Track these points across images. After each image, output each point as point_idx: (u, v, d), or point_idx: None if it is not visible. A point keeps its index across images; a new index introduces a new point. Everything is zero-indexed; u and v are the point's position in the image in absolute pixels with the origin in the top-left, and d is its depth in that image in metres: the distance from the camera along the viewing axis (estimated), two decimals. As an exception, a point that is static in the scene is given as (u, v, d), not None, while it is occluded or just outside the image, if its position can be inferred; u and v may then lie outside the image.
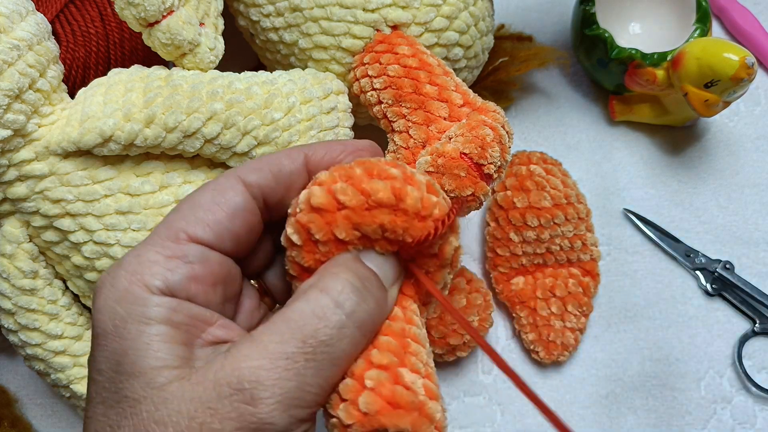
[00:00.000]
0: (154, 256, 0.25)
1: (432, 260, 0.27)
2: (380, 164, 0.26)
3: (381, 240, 0.25)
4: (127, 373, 0.23)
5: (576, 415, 0.47)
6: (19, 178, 0.36)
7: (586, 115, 0.54)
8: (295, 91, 0.38)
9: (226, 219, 0.26)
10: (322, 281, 0.25)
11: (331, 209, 0.25)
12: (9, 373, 0.49)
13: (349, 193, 0.25)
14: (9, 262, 0.38)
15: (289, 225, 0.26)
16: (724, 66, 0.43)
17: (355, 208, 0.25)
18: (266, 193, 0.27)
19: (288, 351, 0.23)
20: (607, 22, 0.52)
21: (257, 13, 0.43)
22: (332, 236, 0.25)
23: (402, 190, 0.25)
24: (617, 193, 0.52)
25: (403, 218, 0.25)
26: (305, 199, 0.25)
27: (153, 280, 0.24)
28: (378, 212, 0.25)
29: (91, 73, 0.44)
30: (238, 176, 0.27)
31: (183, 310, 0.24)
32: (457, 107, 0.38)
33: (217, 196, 0.26)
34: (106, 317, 0.24)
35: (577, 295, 0.47)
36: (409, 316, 0.26)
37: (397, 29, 0.41)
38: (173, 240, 0.25)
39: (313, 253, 0.26)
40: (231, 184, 0.26)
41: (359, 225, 0.25)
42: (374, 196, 0.25)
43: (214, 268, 0.26)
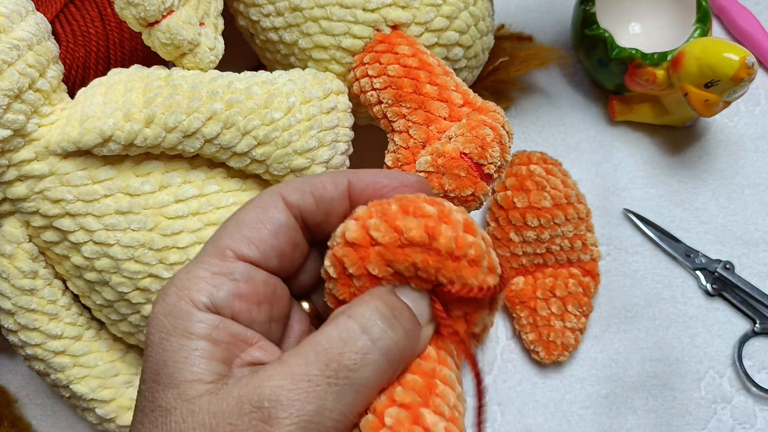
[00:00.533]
0: (202, 273, 0.25)
1: (469, 300, 0.26)
2: (417, 201, 0.25)
3: (415, 278, 0.25)
4: (163, 384, 0.24)
5: (576, 415, 0.47)
6: (18, 178, 0.36)
7: (586, 115, 0.54)
8: (295, 91, 0.38)
9: (271, 236, 0.26)
10: (351, 308, 0.25)
11: (364, 245, 0.25)
12: (9, 373, 0.49)
13: (382, 230, 0.25)
14: (9, 262, 0.38)
15: (327, 258, 0.26)
16: (724, 66, 0.43)
17: (388, 245, 0.25)
18: (306, 215, 0.27)
19: (310, 373, 0.23)
20: (607, 22, 0.52)
21: (257, 12, 0.43)
22: (366, 271, 0.25)
23: (435, 229, 0.24)
24: (617, 193, 0.52)
25: (435, 258, 0.24)
26: (341, 233, 0.25)
27: (199, 296, 0.25)
28: (411, 250, 0.24)
29: (91, 73, 0.44)
30: (280, 194, 0.27)
31: (225, 328, 0.25)
32: (457, 107, 0.38)
33: (261, 213, 0.26)
34: (154, 329, 0.25)
35: (577, 295, 0.47)
36: (442, 357, 0.26)
37: (397, 29, 0.41)
38: (220, 257, 0.26)
39: (348, 286, 0.26)
40: (273, 202, 0.26)
41: (392, 262, 0.25)
42: (407, 234, 0.24)
43: (259, 286, 0.26)
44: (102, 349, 0.41)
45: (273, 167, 0.38)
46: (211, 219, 0.38)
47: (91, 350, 0.41)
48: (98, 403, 0.41)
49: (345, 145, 0.40)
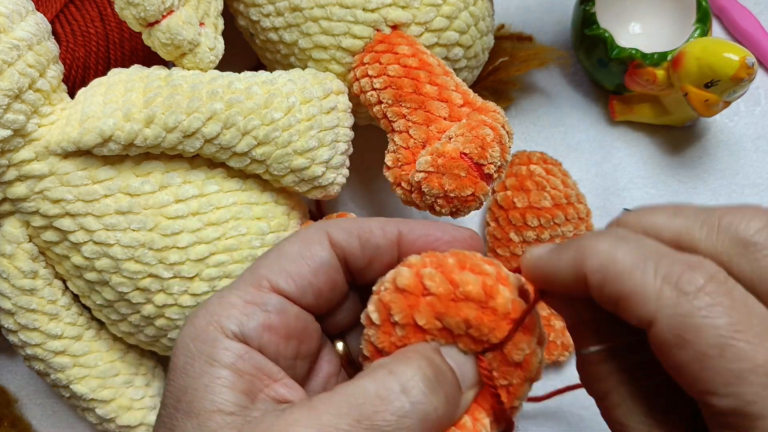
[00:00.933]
0: (235, 300, 0.25)
1: (516, 370, 0.25)
2: (475, 258, 0.25)
3: (464, 336, 0.24)
4: (183, 411, 0.23)
5: (576, 415, 0.47)
6: (18, 178, 0.36)
7: (586, 115, 0.54)
8: (295, 90, 0.38)
9: (310, 273, 0.26)
10: (393, 363, 0.23)
11: (416, 293, 0.24)
12: (9, 373, 0.49)
13: (437, 280, 0.24)
14: (9, 262, 0.38)
15: (371, 303, 0.25)
16: (724, 66, 0.43)
17: (441, 297, 0.24)
18: (349, 258, 0.26)
19: (340, 427, 0.21)
20: (607, 22, 0.52)
21: (257, 12, 0.43)
22: (412, 321, 0.24)
23: (494, 288, 0.24)
24: (617, 193, 0.52)
25: (490, 317, 0.24)
26: (391, 279, 0.25)
27: (229, 323, 0.24)
28: (464, 306, 0.24)
29: (91, 73, 0.44)
30: (327, 231, 0.26)
31: (250, 359, 0.24)
32: (457, 107, 0.38)
33: (304, 248, 0.26)
34: (180, 353, 0.24)
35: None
36: (478, 429, 0.24)
37: (397, 29, 0.41)
38: (255, 286, 0.25)
39: (389, 335, 0.25)
40: (318, 239, 0.26)
41: (443, 315, 0.24)
42: (463, 288, 0.24)
43: (290, 321, 0.25)
44: (102, 349, 0.42)
45: (273, 167, 0.38)
46: (211, 219, 0.38)
47: (91, 350, 0.41)
48: (98, 403, 0.41)
49: (345, 145, 0.40)
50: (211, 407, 0.23)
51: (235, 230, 0.38)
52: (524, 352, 0.24)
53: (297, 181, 0.39)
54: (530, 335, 0.25)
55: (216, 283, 0.38)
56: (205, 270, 0.38)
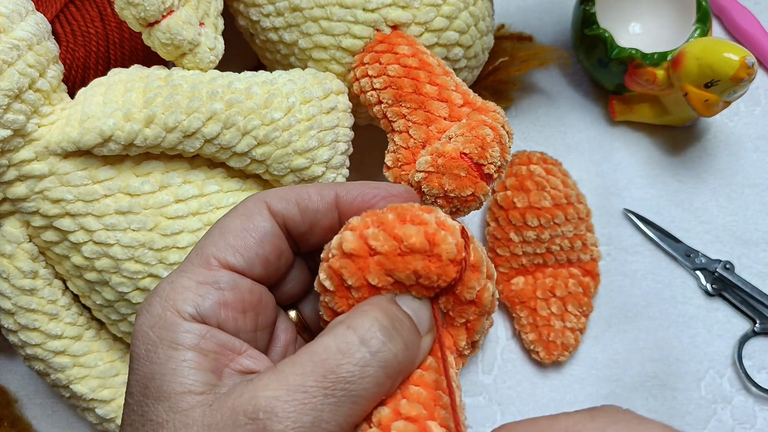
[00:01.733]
0: (187, 282, 0.25)
1: (470, 307, 0.26)
2: (413, 209, 0.25)
3: (416, 286, 0.25)
4: (152, 397, 0.23)
5: (576, 415, 0.47)
6: (18, 178, 0.36)
7: (586, 115, 0.54)
8: (295, 91, 0.38)
9: (256, 245, 0.26)
10: (350, 318, 0.24)
11: (363, 255, 0.25)
12: (9, 373, 0.49)
13: (381, 239, 0.24)
14: (9, 262, 0.38)
15: (321, 270, 0.26)
16: (724, 66, 0.43)
17: (388, 254, 0.24)
18: (290, 225, 0.27)
19: (307, 384, 0.22)
20: (607, 22, 0.52)
21: (257, 13, 0.43)
22: (365, 282, 0.25)
23: (436, 236, 0.24)
24: (617, 193, 0.52)
25: (437, 264, 0.24)
26: (337, 245, 0.25)
27: (185, 306, 0.24)
28: (411, 258, 0.24)
29: (91, 73, 0.44)
30: (265, 201, 0.27)
31: (212, 338, 0.24)
32: (457, 107, 0.38)
33: (246, 221, 0.26)
34: (140, 341, 0.24)
35: (577, 295, 0.47)
36: (444, 367, 0.25)
37: (397, 29, 0.41)
38: (205, 266, 0.25)
39: (346, 298, 0.25)
40: (258, 210, 0.26)
41: (392, 271, 0.24)
42: (407, 242, 0.24)
43: (244, 295, 0.26)
44: (102, 349, 0.41)
45: (273, 167, 0.38)
46: (211, 219, 0.38)
47: (91, 350, 0.41)
48: (98, 403, 0.41)
49: (345, 145, 0.40)
50: (180, 389, 0.23)
51: (235, 230, 0.38)
52: (475, 290, 0.25)
53: (297, 181, 0.39)
54: (478, 272, 0.25)
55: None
56: (205, 270, 0.38)
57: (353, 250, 0.25)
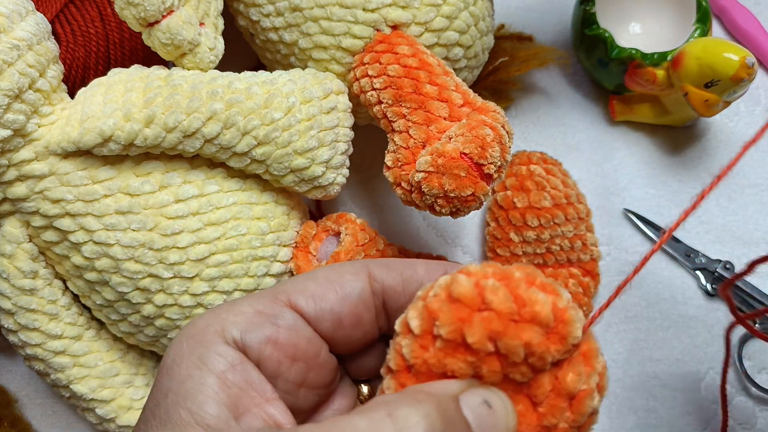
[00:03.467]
0: (245, 307, 0.23)
1: (565, 406, 0.21)
2: (543, 276, 0.21)
3: (520, 365, 0.20)
4: (159, 418, 0.21)
5: (576, 415, 0.47)
6: (18, 178, 0.36)
7: (586, 115, 0.54)
8: (295, 91, 0.38)
9: (334, 299, 0.24)
10: (398, 403, 0.20)
11: (471, 305, 0.20)
12: (9, 373, 0.49)
13: (500, 295, 0.20)
14: (9, 262, 0.38)
15: (412, 307, 0.22)
16: (724, 66, 0.43)
17: (502, 314, 0.20)
18: (388, 294, 0.24)
19: None
20: (607, 22, 0.52)
21: (257, 12, 0.43)
22: (460, 338, 0.20)
23: (566, 313, 0.20)
24: (617, 193, 0.52)
25: (557, 346, 0.20)
26: (445, 285, 0.21)
27: (230, 328, 0.23)
28: (528, 328, 0.20)
29: (91, 73, 0.44)
30: (366, 265, 0.24)
31: (242, 371, 0.22)
32: (457, 107, 0.38)
33: (333, 274, 0.24)
34: (172, 350, 0.23)
35: (577, 295, 0.47)
36: None
37: (397, 29, 0.41)
38: (271, 299, 0.24)
39: (425, 349, 0.21)
40: (355, 269, 0.24)
41: (500, 336, 0.20)
42: (530, 308, 0.20)
43: (300, 342, 0.23)
44: (102, 349, 0.41)
45: (273, 167, 0.38)
46: (211, 219, 0.38)
47: (91, 350, 0.41)
48: (98, 403, 0.41)
49: (345, 145, 0.40)
50: (188, 418, 0.21)
51: (235, 230, 0.38)
52: (581, 382, 0.21)
53: (297, 181, 0.39)
54: (592, 368, 0.21)
55: (216, 283, 0.38)
56: (205, 270, 0.38)
57: (462, 296, 0.20)
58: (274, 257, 0.40)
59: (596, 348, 0.22)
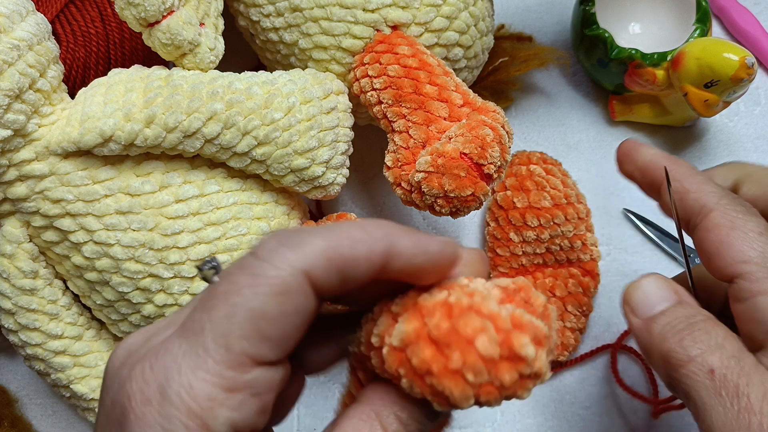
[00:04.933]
0: (212, 391, 0.20)
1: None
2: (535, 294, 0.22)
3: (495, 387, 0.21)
4: None
5: (576, 415, 0.47)
6: (19, 178, 0.36)
7: (586, 115, 0.54)
8: (295, 91, 0.38)
9: (295, 331, 0.21)
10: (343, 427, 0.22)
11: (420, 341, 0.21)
12: (9, 373, 0.49)
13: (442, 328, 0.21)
14: (9, 262, 0.38)
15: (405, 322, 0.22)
16: (724, 66, 0.43)
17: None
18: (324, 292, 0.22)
19: None
20: (607, 22, 0.52)
21: (257, 13, 0.43)
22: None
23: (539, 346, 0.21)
24: (617, 193, 0.52)
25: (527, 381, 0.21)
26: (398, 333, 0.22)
27: (216, 425, 0.20)
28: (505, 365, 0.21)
29: (91, 73, 0.44)
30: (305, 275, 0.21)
31: None
32: (457, 107, 0.38)
33: (286, 304, 0.21)
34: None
35: (577, 295, 0.47)
36: None
37: (397, 29, 0.41)
38: (234, 368, 0.21)
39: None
40: (300, 287, 0.21)
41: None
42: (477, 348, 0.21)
43: (280, 387, 0.22)
44: (102, 348, 0.42)
45: (273, 167, 0.38)
46: (211, 219, 0.38)
47: (92, 350, 0.41)
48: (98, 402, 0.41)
49: (345, 145, 0.40)
50: None
51: (236, 230, 0.38)
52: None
53: (297, 181, 0.39)
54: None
55: (216, 283, 0.38)
56: (206, 270, 0.38)
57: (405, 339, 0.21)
58: (274, 257, 0.40)
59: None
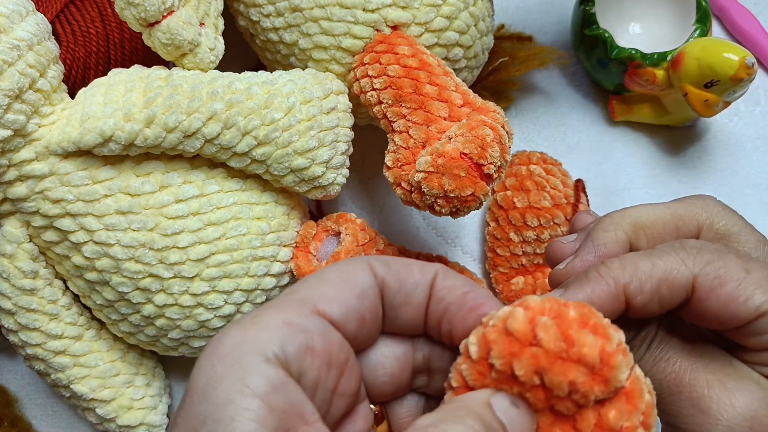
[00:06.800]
0: (272, 320, 0.22)
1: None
2: (599, 318, 0.22)
3: (564, 399, 0.22)
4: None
5: (576, 415, 0.47)
6: (19, 178, 0.36)
7: (586, 115, 0.54)
8: (295, 91, 0.38)
9: (354, 297, 0.23)
10: (443, 423, 0.21)
11: (523, 340, 0.22)
12: (9, 373, 0.49)
13: (551, 333, 0.21)
14: (9, 262, 0.38)
15: (474, 335, 0.23)
16: (724, 66, 0.43)
17: (550, 352, 0.21)
18: (386, 291, 0.24)
19: None
20: (607, 22, 0.52)
21: (257, 13, 0.43)
22: (509, 369, 0.22)
23: (613, 358, 0.21)
24: (617, 193, 0.52)
25: (601, 387, 0.21)
26: (503, 317, 0.22)
27: (267, 344, 0.21)
28: (573, 367, 0.21)
29: (91, 73, 0.44)
30: (367, 260, 0.24)
31: (285, 393, 0.21)
32: (457, 107, 0.38)
33: (345, 273, 0.24)
34: (202, 373, 0.21)
35: (577, 295, 0.47)
36: None
37: (397, 29, 0.41)
38: (296, 308, 0.23)
39: (482, 375, 0.22)
40: (360, 265, 0.24)
41: (546, 371, 0.21)
42: (578, 348, 0.21)
43: (333, 348, 0.23)
44: (102, 348, 0.42)
45: (273, 167, 0.38)
46: (212, 219, 0.38)
47: (92, 350, 0.41)
48: (98, 402, 0.41)
49: (345, 145, 0.40)
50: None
51: (236, 230, 0.38)
52: (623, 419, 0.22)
53: (297, 181, 0.39)
54: (634, 407, 0.22)
55: (216, 283, 0.38)
56: (206, 270, 0.38)
57: (516, 331, 0.22)
58: (274, 257, 0.40)
59: (640, 388, 0.22)
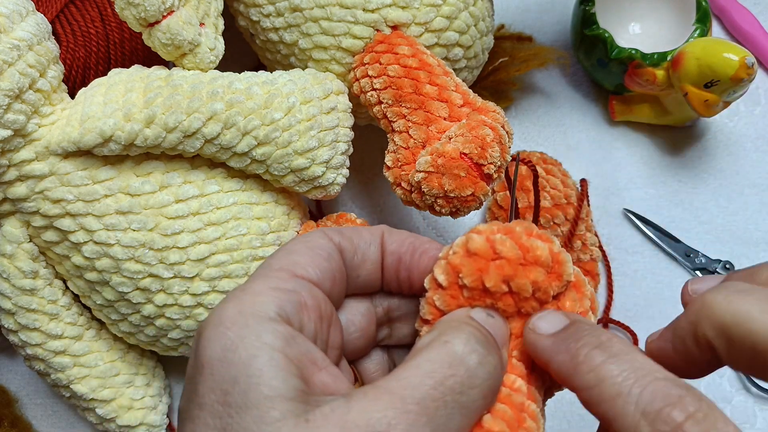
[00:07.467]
0: (261, 287, 0.24)
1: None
2: (537, 228, 0.26)
3: (529, 299, 0.25)
4: (236, 405, 0.21)
5: (576, 415, 0.47)
6: (19, 178, 0.36)
7: (586, 115, 0.54)
8: (295, 91, 0.38)
9: (323, 260, 0.25)
10: (445, 333, 0.24)
11: (486, 257, 0.25)
12: (9, 373, 0.49)
13: (507, 245, 0.25)
14: (9, 262, 0.38)
15: (437, 267, 0.26)
16: (724, 66, 0.43)
17: (511, 260, 0.25)
18: (344, 255, 0.26)
19: (417, 397, 0.21)
20: (607, 22, 0.52)
21: (257, 13, 0.43)
22: (480, 284, 0.25)
23: (560, 255, 0.25)
24: (617, 193, 0.52)
25: (557, 282, 0.25)
26: (462, 243, 0.25)
27: (266, 307, 0.23)
28: (533, 269, 0.25)
29: (91, 73, 0.44)
30: (323, 231, 0.26)
31: (297, 344, 0.22)
32: (457, 107, 0.38)
33: (308, 242, 0.26)
34: (214, 344, 0.22)
35: (577, 295, 0.47)
36: (531, 392, 0.25)
37: (397, 29, 0.41)
38: (278, 275, 0.24)
39: (456, 298, 0.25)
40: (319, 234, 0.26)
41: (511, 278, 0.25)
42: (533, 253, 0.25)
43: (321, 303, 0.25)
44: (102, 348, 0.42)
45: (273, 167, 0.38)
46: (211, 219, 0.38)
47: (92, 350, 0.41)
48: (98, 402, 0.41)
49: (345, 145, 0.40)
50: (270, 393, 0.21)
51: (236, 230, 0.38)
52: (577, 305, 0.25)
53: (297, 181, 0.39)
54: (582, 294, 0.26)
55: (216, 283, 0.38)
56: (206, 270, 0.38)
57: (478, 250, 0.25)
58: (274, 257, 0.40)
59: (582, 279, 0.26)
